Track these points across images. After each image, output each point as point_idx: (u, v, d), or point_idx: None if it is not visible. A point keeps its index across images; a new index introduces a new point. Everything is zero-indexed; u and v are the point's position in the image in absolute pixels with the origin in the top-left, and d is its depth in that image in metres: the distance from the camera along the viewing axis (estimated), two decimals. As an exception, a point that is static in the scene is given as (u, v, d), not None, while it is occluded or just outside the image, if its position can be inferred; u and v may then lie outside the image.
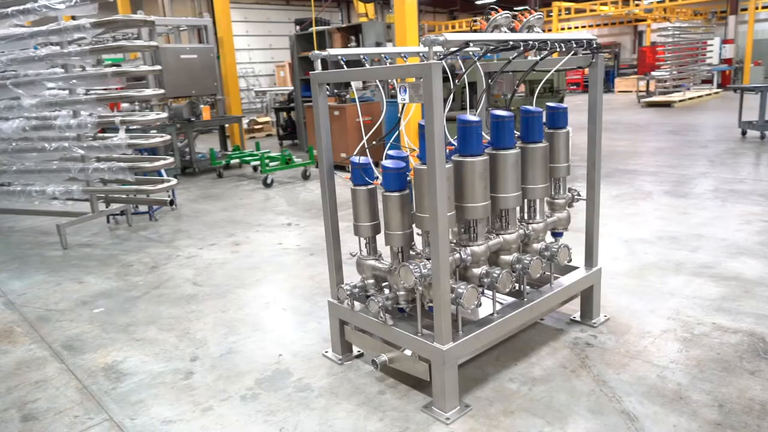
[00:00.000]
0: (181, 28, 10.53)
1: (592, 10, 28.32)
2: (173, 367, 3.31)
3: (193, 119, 9.73)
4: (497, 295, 2.92)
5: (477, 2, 33.25)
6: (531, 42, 2.74)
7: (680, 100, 18.25)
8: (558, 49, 2.94)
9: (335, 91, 9.31)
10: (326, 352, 3.34)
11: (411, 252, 2.97)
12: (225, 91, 11.62)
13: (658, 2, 28.34)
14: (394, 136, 2.95)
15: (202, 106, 10.19)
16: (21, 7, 5.44)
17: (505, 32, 2.96)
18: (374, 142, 3.02)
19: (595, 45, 3.11)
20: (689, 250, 4.72)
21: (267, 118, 16.45)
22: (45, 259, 5.56)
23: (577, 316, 3.57)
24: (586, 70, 3.27)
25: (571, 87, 27.29)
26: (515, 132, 3.01)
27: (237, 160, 9.71)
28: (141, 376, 3.23)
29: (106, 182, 6.22)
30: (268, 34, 25.98)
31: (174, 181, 5.85)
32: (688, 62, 20.42)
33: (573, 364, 3.06)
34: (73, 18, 5.45)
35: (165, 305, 4.23)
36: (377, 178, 2.95)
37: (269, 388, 3.03)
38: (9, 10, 5.59)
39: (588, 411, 2.64)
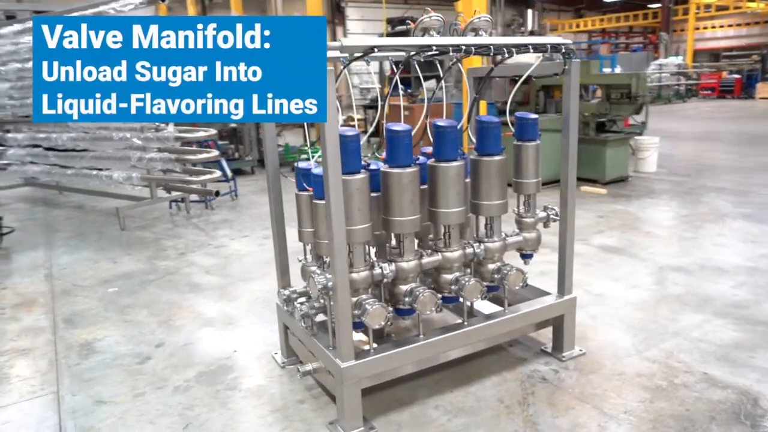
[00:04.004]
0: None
1: (737, 8, 25.54)
2: (137, 350, 3.49)
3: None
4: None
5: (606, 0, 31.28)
6: (463, 47, 2.51)
7: (830, 110, 15.81)
8: (509, 55, 2.66)
9: (408, 90, 9.24)
10: (275, 353, 3.34)
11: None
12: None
13: (821, -3, 24.86)
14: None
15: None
16: (95, 10, 6.01)
17: (432, 35, 2.74)
18: (311, 146, 2.96)
19: (564, 50, 2.78)
20: (731, 284, 4.08)
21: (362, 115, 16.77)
22: (101, 238, 6.13)
23: (550, 346, 3.24)
24: (724, 73, 2.94)
25: (705, 92, 24.75)
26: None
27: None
28: (106, 355, 3.45)
29: (166, 171, 6.69)
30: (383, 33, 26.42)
31: (216, 173, 6.16)
32: None
33: (512, 399, 2.78)
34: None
35: (168, 291, 4.47)
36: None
37: (205, 382, 3.09)
38: (87, 12, 6.21)
39: (496, 454, 2.40)
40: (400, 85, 3.03)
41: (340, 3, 25.36)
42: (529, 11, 28.75)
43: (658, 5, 27.60)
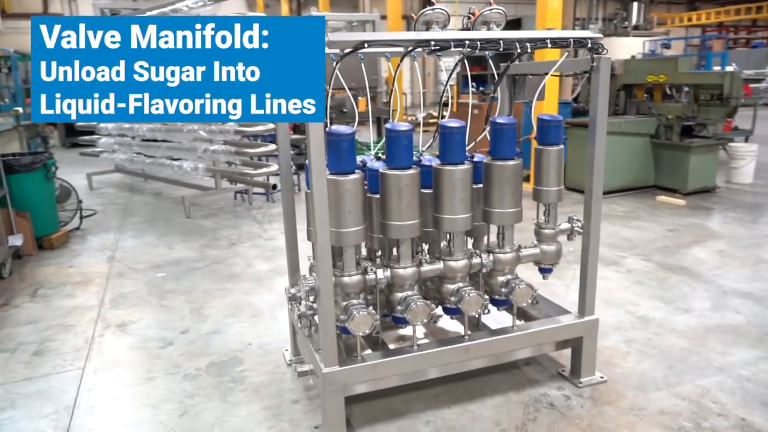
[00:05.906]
0: (353, 23, 11.13)
1: None
2: (163, 335, 3.64)
3: (345, 110, 10.28)
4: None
5: (723, -8, 28.72)
6: (467, 41, 2.35)
7: None
8: (524, 50, 2.47)
9: (480, 89, 9.00)
10: (286, 350, 3.35)
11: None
12: (390, 85, 11.99)
13: None
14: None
15: (360, 98, 10.72)
16: (170, 8, 6.36)
17: (435, 30, 2.59)
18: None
19: (591, 45, 2.54)
20: (804, 317, 3.59)
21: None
22: (167, 224, 6.48)
23: (569, 370, 3.00)
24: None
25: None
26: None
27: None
28: (135, 337, 3.63)
29: (230, 163, 6.95)
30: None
31: (273, 167, 6.31)
32: None
33: (510, 423, 2.60)
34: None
35: (209, 280, 4.63)
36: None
37: (213, 372, 3.16)
38: (167, 9, 6.58)
39: (475, 481, 2.25)
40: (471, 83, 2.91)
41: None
42: (634, 4, 26.98)
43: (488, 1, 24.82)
